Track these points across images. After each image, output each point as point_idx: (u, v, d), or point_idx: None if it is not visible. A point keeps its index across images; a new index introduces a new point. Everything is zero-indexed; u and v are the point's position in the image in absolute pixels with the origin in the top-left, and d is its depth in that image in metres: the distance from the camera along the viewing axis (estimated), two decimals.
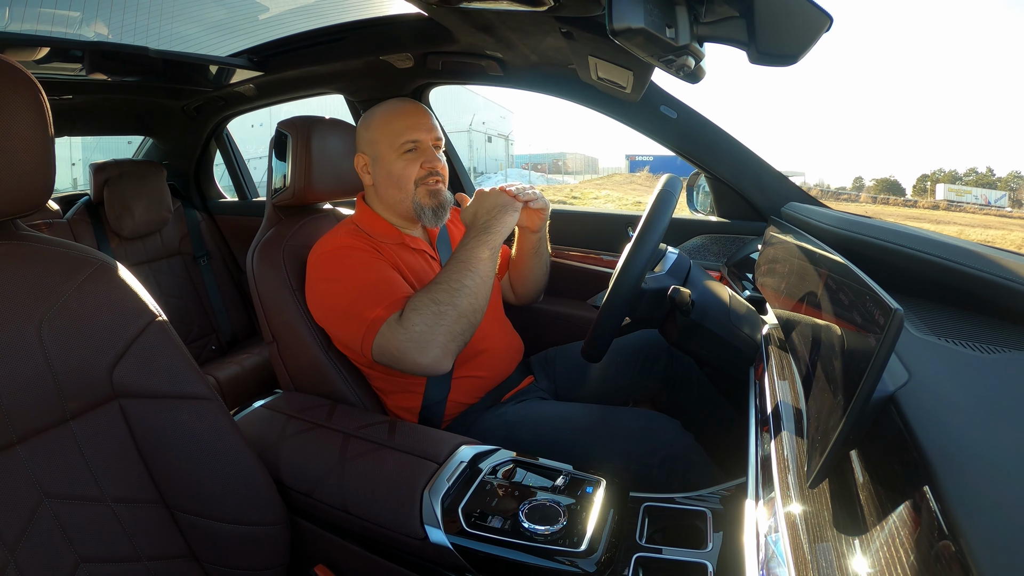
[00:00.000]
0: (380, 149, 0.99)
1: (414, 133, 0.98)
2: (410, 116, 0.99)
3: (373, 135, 1.00)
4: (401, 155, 0.98)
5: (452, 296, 0.83)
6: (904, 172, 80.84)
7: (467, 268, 0.85)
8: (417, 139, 0.98)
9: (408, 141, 0.97)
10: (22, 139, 0.54)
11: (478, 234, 0.88)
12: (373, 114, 1.01)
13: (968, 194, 31.31)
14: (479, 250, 0.87)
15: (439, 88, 1.59)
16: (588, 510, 0.65)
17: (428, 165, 0.99)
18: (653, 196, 0.85)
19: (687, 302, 0.78)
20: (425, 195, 0.99)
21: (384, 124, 0.99)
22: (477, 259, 0.86)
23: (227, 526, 0.66)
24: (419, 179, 0.99)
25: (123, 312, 0.62)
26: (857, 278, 0.41)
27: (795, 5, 0.54)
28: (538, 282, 1.20)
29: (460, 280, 0.84)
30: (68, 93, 1.69)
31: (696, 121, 1.27)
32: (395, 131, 0.98)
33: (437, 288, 0.84)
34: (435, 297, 0.83)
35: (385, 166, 0.99)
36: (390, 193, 1.00)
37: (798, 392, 0.53)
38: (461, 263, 0.86)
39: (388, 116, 0.99)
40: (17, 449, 0.56)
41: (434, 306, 0.82)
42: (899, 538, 0.29)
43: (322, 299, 0.92)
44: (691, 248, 1.35)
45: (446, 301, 0.83)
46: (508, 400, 1.04)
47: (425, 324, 0.81)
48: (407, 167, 0.98)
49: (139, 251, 1.92)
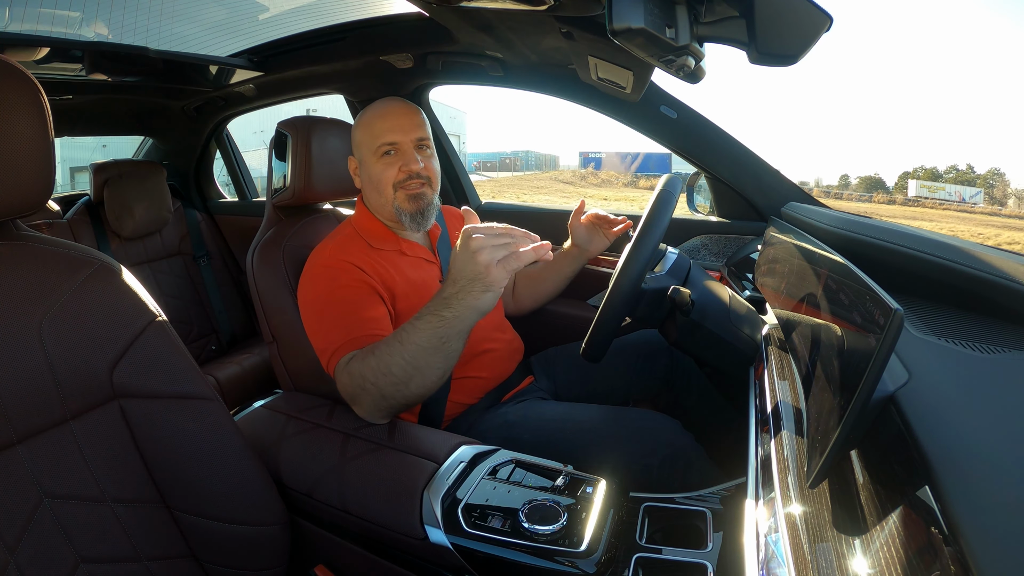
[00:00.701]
0: (363, 152, 0.99)
1: (391, 135, 0.95)
2: (390, 117, 0.96)
3: (358, 138, 0.99)
4: (379, 158, 0.96)
5: (377, 376, 0.76)
6: (890, 170, 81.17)
7: (401, 348, 0.74)
8: (394, 141, 0.95)
9: (385, 144, 0.95)
10: (22, 139, 0.54)
11: (435, 307, 0.73)
12: (362, 116, 1.00)
13: (941, 191, 31.28)
14: (419, 333, 0.73)
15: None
16: (588, 510, 0.64)
17: (405, 169, 0.95)
18: (653, 196, 0.85)
19: (687, 302, 0.78)
20: (404, 200, 0.96)
21: (366, 127, 0.98)
22: (412, 342, 0.73)
23: (227, 526, 0.66)
24: (398, 183, 0.96)
25: (123, 312, 0.62)
26: (857, 278, 0.41)
27: (795, 5, 0.54)
28: (546, 301, 1.20)
29: (388, 363, 0.75)
30: (68, 93, 1.69)
31: (696, 121, 1.27)
32: (374, 134, 0.96)
33: (370, 360, 0.77)
34: (363, 372, 0.77)
35: (367, 169, 0.98)
36: (373, 197, 1.00)
37: (798, 392, 0.53)
38: (398, 340, 0.75)
39: (370, 118, 0.98)
40: (17, 449, 0.56)
41: (360, 379, 0.78)
42: (899, 538, 0.29)
43: (304, 314, 0.92)
44: (691, 248, 1.35)
45: (371, 379, 0.76)
46: (508, 400, 1.04)
47: (352, 387, 0.79)
48: (385, 171, 0.96)
49: (139, 251, 1.92)
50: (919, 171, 39.86)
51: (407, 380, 0.75)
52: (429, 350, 0.73)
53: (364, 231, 1.00)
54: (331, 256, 0.93)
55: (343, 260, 0.92)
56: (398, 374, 0.74)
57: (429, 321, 0.73)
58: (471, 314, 0.71)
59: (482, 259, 0.67)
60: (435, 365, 0.74)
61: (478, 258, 0.67)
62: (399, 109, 0.98)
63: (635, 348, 1.13)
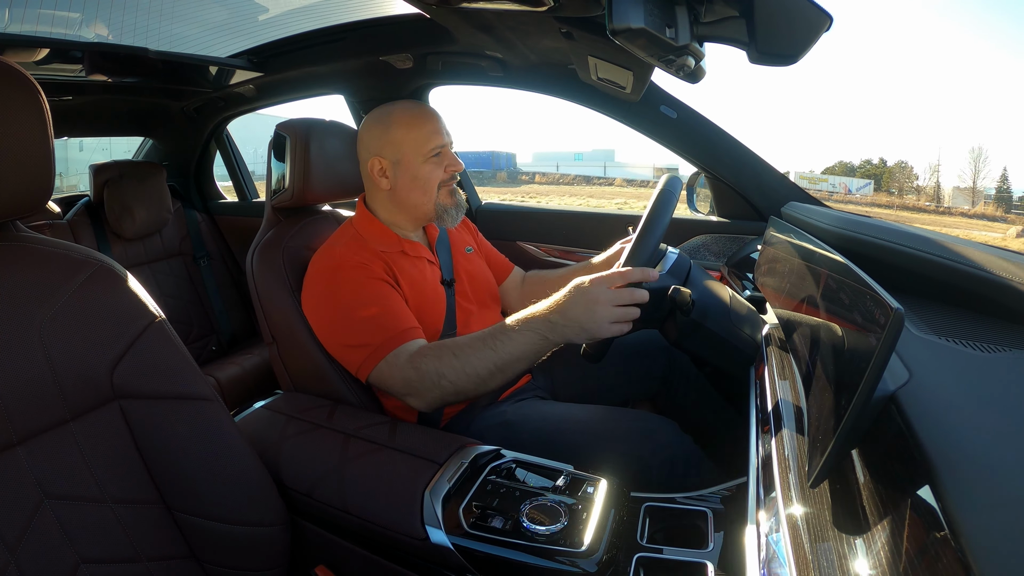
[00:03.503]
0: (404, 153, 0.99)
1: (440, 138, 1.00)
2: (434, 121, 1.00)
3: (395, 139, 0.99)
4: (428, 159, 0.99)
5: (459, 375, 0.81)
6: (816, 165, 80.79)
7: (494, 355, 0.80)
8: (443, 144, 1.00)
9: (436, 147, 0.99)
10: (22, 140, 0.54)
11: (539, 327, 0.79)
12: (390, 117, 1.00)
13: (824, 182, 31.75)
14: (517, 346, 0.79)
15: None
16: (589, 510, 0.64)
17: (452, 168, 1.01)
18: (653, 196, 0.85)
19: (687, 302, 0.78)
20: (447, 196, 1.02)
21: (408, 128, 0.99)
22: (507, 352, 0.80)
23: (227, 527, 0.66)
24: (442, 182, 1.01)
25: (123, 313, 0.62)
26: (857, 278, 0.41)
27: (795, 5, 0.54)
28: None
29: (476, 365, 0.81)
30: (68, 94, 1.69)
31: (696, 121, 1.27)
32: (423, 136, 0.98)
33: (449, 360, 0.82)
34: (440, 370, 0.82)
35: (411, 170, 0.99)
36: (412, 196, 1.01)
37: (799, 392, 0.53)
38: (490, 347, 0.80)
39: (410, 120, 0.99)
40: (17, 449, 0.56)
41: (435, 376, 0.82)
42: (900, 538, 0.29)
43: (320, 317, 0.93)
44: (691, 248, 1.35)
45: (451, 377, 0.82)
46: (506, 399, 1.04)
47: (420, 381, 0.83)
48: (434, 171, 1.00)
49: (139, 252, 1.92)
50: (836, 166, 40.64)
51: (489, 380, 0.81)
52: (523, 360, 0.81)
53: (367, 233, 1.01)
54: (344, 257, 0.94)
55: (357, 260, 0.93)
56: (484, 376, 0.81)
57: (530, 338, 0.79)
58: (568, 341, 0.79)
59: (598, 315, 0.75)
60: (520, 369, 0.82)
61: (596, 314, 0.75)
62: (435, 113, 1.02)
63: (634, 348, 1.12)
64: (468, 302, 1.07)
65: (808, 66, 17.19)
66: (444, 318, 1.00)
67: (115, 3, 1.25)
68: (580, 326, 0.76)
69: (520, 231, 1.60)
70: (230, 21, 1.45)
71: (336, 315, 0.91)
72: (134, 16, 1.31)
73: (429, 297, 0.99)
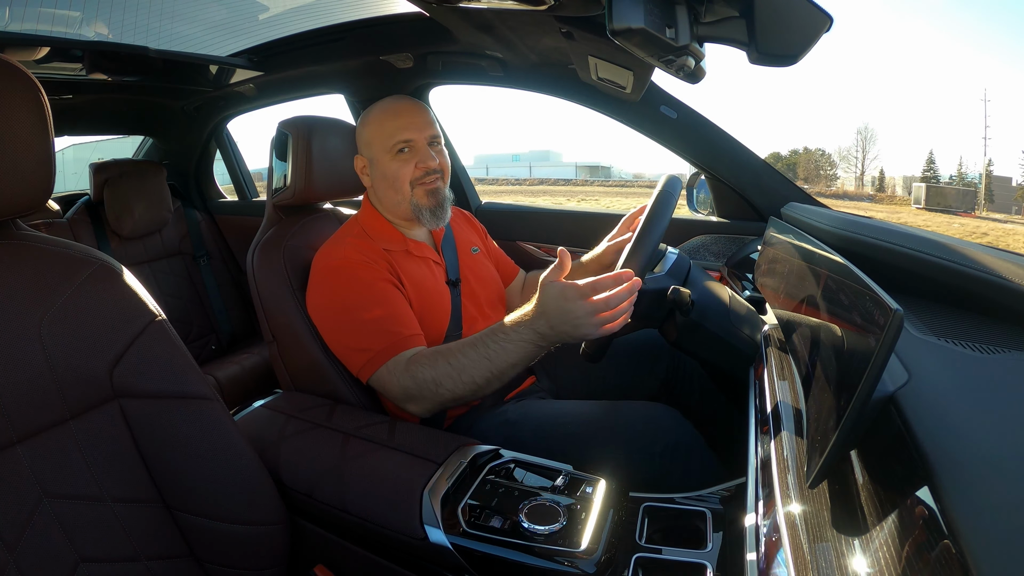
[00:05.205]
0: (375, 151, 0.99)
1: (406, 133, 0.96)
2: (403, 115, 0.97)
3: (368, 136, 0.99)
4: (395, 156, 0.97)
5: (455, 383, 0.82)
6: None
7: (489, 363, 0.80)
8: (410, 139, 0.96)
9: (400, 142, 0.96)
10: (22, 139, 0.54)
11: (530, 336, 0.78)
12: (369, 114, 1.01)
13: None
14: (510, 355, 0.79)
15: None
16: (588, 510, 0.64)
17: (422, 165, 0.97)
18: (653, 196, 0.85)
19: (687, 302, 0.78)
20: (423, 195, 0.98)
21: (377, 125, 0.98)
22: (503, 360, 0.79)
23: (227, 526, 0.66)
24: (415, 180, 0.97)
25: (123, 312, 0.62)
26: (857, 278, 0.41)
27: (795, 5, 0.54)
28: None
29: (472, 372, 0.81)
30: (68, 93, 1.69)
31: (696, 121, 1.27)
32: (387, 132, 0.97)
33: (443, 367, 0.82)
34: (436, 378, 0.82)
35: (380, 168, 0.98)
36: (388, 195, 1.00)
37: (798, 392, 0.53)
38: (485, 356, 0.80)
39: (381, 116, 0.99)
40: (17, 448, 0.56)
41: (431, 384, 0.82)
42: (899, 538, 0.29)
43: (324, 317, 0.93)
44: (691, 248, 1.35)
45: (448, 385, 0.82)
46: (510, 400, 1.04)
47: (417, 389, 0.84)
48: (401, 168, 0.97)
49: (139, 251, 1.92)
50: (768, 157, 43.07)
51: (486, 386, 0.82)
52: (519, 365, 0.80)
53: (372, 230, 1.00)
54: (349, 256, 0.93)
55: (362, 260, 0.92)
56: (481, 383, 0.81)
57: (524, 347, 0.79)
58: (561, 342, 0.78)
59: (582, 324, 0.74)
60: (517, 371, 0.82)
61: (580, 322, 0.73)
62: (410, 107, 0.99)
63: (637, 348, 1.12)
64: (473, 303, 1.06)
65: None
66: (449, 319, 0.99)
67: (115, 2, 1.25)
68: (568, 335, 0.76)
69: (520, 231, 1.60)
70: (230, 20, 1.45)
71: (340, 316, 0.91)
72: (134, 15, 1.31)
73: (434, 298, 0.99)
